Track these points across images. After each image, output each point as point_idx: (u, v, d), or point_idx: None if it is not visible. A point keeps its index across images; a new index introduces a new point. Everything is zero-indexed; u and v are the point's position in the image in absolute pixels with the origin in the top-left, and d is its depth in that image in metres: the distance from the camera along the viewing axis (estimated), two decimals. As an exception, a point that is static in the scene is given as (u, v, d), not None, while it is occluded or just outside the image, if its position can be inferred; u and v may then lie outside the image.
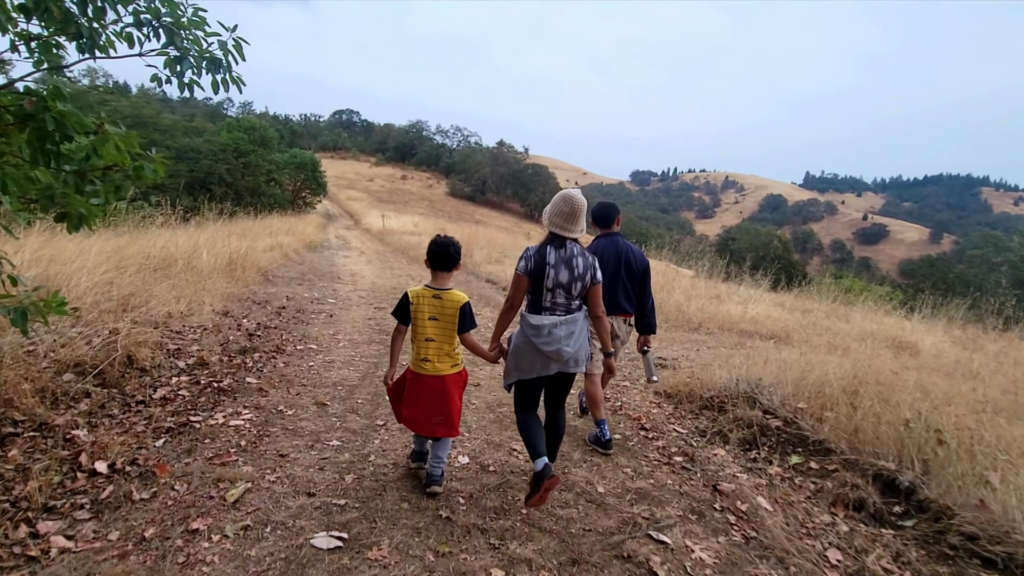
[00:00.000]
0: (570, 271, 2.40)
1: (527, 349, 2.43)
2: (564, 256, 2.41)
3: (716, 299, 9.49)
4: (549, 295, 2.41)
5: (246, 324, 5.40)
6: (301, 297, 7.53)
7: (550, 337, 2.37)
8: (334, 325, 6.07)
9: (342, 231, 26.16)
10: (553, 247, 2.43)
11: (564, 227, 2.43)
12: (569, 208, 2.43)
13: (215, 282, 6.79)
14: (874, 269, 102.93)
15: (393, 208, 40.34)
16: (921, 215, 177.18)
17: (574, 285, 2.41)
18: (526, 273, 2.41)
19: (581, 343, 2.46)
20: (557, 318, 2.40)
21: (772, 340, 7.38)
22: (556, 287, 2.40)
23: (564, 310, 2.43)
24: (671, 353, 6.01)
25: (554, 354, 2.38)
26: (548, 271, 2.38)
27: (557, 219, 2.44)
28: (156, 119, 31.19)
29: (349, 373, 4.32)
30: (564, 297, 2.42)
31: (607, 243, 3.33)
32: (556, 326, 2.38)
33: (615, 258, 3.28)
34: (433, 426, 2.49)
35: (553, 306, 2.42)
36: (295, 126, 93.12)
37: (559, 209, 2.44)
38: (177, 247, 7.53)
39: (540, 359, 2.41)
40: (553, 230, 2.45)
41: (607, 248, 3.30)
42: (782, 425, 3.56)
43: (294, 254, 12.78)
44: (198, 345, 4.36)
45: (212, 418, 3.11)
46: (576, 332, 2.43)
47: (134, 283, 5.44)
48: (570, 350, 2.40)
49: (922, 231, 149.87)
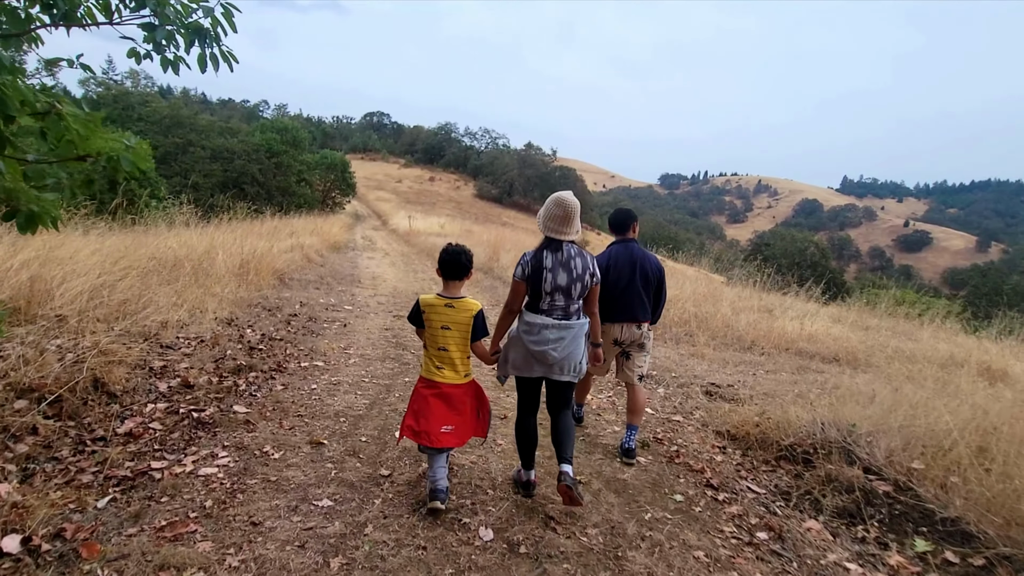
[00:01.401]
0: (568, 273, 2.39)
1: (518, 344, 2.45)
2: (561, 259, 2.40)
3: (767, 313, 8.61)
4: (548, 299, 2.41)
5: (249, 335, 4.87)
6: (316, 303, 7.02)
7: (539, 336, 2.38)
8: (347, 336, 5.50)
9: (369, 231, 25.91)
10: (549, 251, 2.41)
11: (559, 230, 2.41)
12: (562, 211, 2.39)
13: (225, 286, 6.33)
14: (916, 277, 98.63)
15: (420, 209, 40.15)
16: (967, 222, 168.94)
17: (573, 287, 2.40)
18: (523, 279, 2.42)
19: (571, 351, 2.42)
20: (551, 320, 2.39)
21: (836, 363, 6.51)
22: (555, 290, 2.39)
23: (563, 313, 2.42)
24: (724, 378, 5.24)
25: (540, 355, 2.39)
26: (545, 275, 2.38)
27: (551, 223, 2.42)
28: (193, 119, 31.72)
29: (356, 399, 3.71)
30: (563, 300, 2.41)
31: (621, 250, 3.25)
32: (547, 328, 2.38)
33: (630, 265, 3.19)
34: (441, 435, 2.39)
35: (552, 309, 2.41)
36: (327, 128, 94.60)
37: (552, 213, 2.42)
38: (192, 248, 7.12)
39: (526, 357, 2.43)
40: (548, 234, 2.43)
41: (621, 255, 3.22)
42: (893, 491, 2.79)
43: (316, 255, 12.38)
44: (188, 362, 3.83)
45: (180, 463, 2.53)
46: (568, 339, 2.40)
47: (133, 288, 4.98)
48: (556, 355, 2.38)
49: (968, 239, 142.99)
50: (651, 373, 5.19)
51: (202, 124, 31.65)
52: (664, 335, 6.85)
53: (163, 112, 30.81)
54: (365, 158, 75.42)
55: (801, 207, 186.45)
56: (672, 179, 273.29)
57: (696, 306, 7.72)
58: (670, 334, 6.87)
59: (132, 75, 51.43)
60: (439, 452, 2.42)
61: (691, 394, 4.63)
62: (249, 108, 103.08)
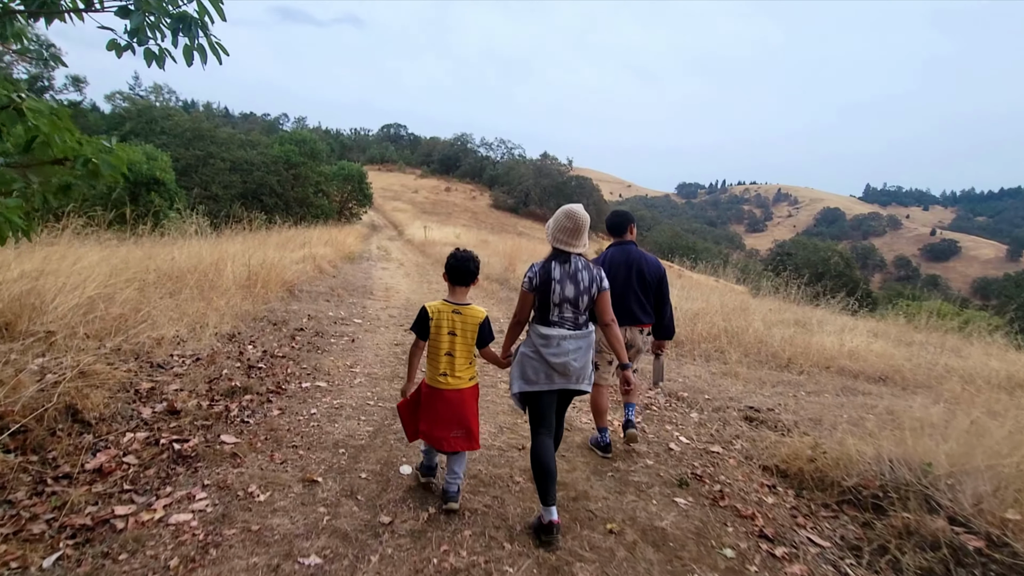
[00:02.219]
0: (575, 285, 2.40)
1: (534, 359, 2.41)
2: (569, 271, 2.41)
3: (800, 327, 8.09)
4: (556, 310, 2.40)
5: (250, 352, 4.57)
6: (324, 317, 6.73)
7: (559, 348, 2.37)
8: (354, 353, 5.18)
9: (384, 242, 25.80)
10: (558, 262, 2.42)
11: (568, 243, 2.43)
12: (573, 224, 2.42)
13: (231, 299, 6.07)
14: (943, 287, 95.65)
15: (436, 219, 40.14)
16: (997, 231, 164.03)
17: (581, 299, 2.41)
18: (532, 290, 2.42)
19: (587, 360, 2.44)
20: (567, 331, 2.39)
21: (883, 383, 5.99)
22: (563, 302, 2.40)
23: (572, 324, 2.42)
24: (763, 400, 4.78)
25: (561, 367, 2.37)
26: (554, 286, 2.38)
27: (561, 235, 2.43)
28: (213, 132, 32.28)
29: (358, 426, 3.36)
30: (572, 312, 2.42)
31: (618, 252, 3.21)
32: (565, 339, 2.38)
33: (626, 267, 3.16)
34: (452, 440, 2.41)
35: (561, 320, 2.41)
36: (346, 140, 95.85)
37: (562, 225, 2.43)
38: (200, 259, 6.91)
39: (546, 370, 2.39)
40: (557, 246, 2.44)
41: (617, 257, 3.18)
42: (986, 547, 2.33)
43: (329, 266, 12.16)
44: (179, 383, 3.52)
45: (149, 508, 2.20)
46: (584, 348, 2.42)
47: (132, 301, 4.74)
48: (577, 365, 2.39)
49: (999, 248, 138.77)
50: (682, 394, 4.77)
51: (222, 137, 32.17)
52: (693, 351, 6.40)
53: (184, 125, 31.39)
54: (382, 169, 76.08)
55: (822, 216, 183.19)
56: (689, 188, 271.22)
57: (725, 320, 7.25)
58: (699, 350, 6.42)
59: (156, 90, 52.70)
60: (455, 454, 2.47)
61: (728, 419, 4.19)
62: (269, 121, 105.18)
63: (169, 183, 21.53)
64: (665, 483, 3.01)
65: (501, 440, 3.39)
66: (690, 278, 23.50)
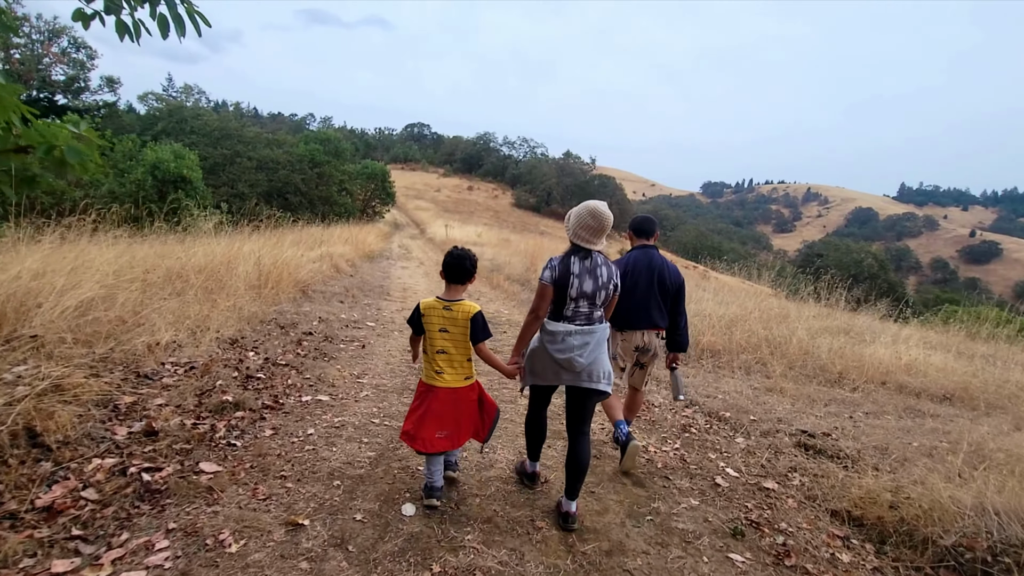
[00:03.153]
0: (594, 280, 2.38)
1: (541, 354, 2.43)
2: (588, 266, 2.39)
3: (844, 335, 7.45)
4: (572, 304, 2.40)
5: (251, 359, 4.23)
6: (336, 319, 6.39)
7: (564, 344, 2.36)
8: (363, 361, 4.80)
9: (406, 240, 25.62)
10: (578, 258, 2.40)
11: (589, 240, 2.40)
12: (597, 224, 2.38)
13: (239, 299, 5.78)
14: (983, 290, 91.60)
15: (458, 218, 39.94)
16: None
17: (598, 294, 2.40)
18: (551, 282, 2.39)
19: (596, 356, 2.40)
20: (573, 327, 2.38)
21: (949, 403, 5.36)
22: (580, 296, 2.38)
23: (586, 319, 2.41)
24: (816, 422, 4.23)
25: (566, 362, 2.37)
26: (572, 280, 2.36)
27: (583, 232, 2.40)
28: (240, 132, 32.65)
29: (359, 450, 2.96)
30: (587, 306, 2.41)
31: (641, 255, 3.21)
32: (571, 334, 2.36)
33: (648, 271, 3.15)
34: (436, 441, 2.38)
35: (575, 315, 2.40)
36: (370, 139, 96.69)
37: (586, 223, 2.39)
38: (212, 257, 6.65)
39: (552, 366, 2.42)
40: (577, 242, 2.41)
41: (640, 260, 3.18)
42: None
43: (347, 265, 11.90)
44: (165, 396, 3.18)
45: (96, 563, 1.82)
46: (592, 344, 2.38)
47: (131, 303, 4.46)
48: (583, 361, 2.37)
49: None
50: (724, 414, 4.26)
51: (249, 136, 32.52)
52: (732, 363, 5.86)
53: (213, 125, 31.82)
54: (405, 168, 76.42)
55: (854, 216, 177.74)
56: (715, 187, 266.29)
57: (765, 327, 6.68)
58: (739, 362, 5.87)
59: (186, 90, 53.79)
60: (435, 456, 2.45)
61: (780, 447, 3.67)
62: (296, 121, 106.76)
63: (196, 181, 21.71)
64: (716, 532, 2.53)
65: (521, 470, 2.95)
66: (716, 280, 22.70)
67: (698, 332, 6.47)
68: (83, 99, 34.29)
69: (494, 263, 14.59)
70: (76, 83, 35.57)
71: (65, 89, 33.23)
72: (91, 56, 35.81)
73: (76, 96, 33.72)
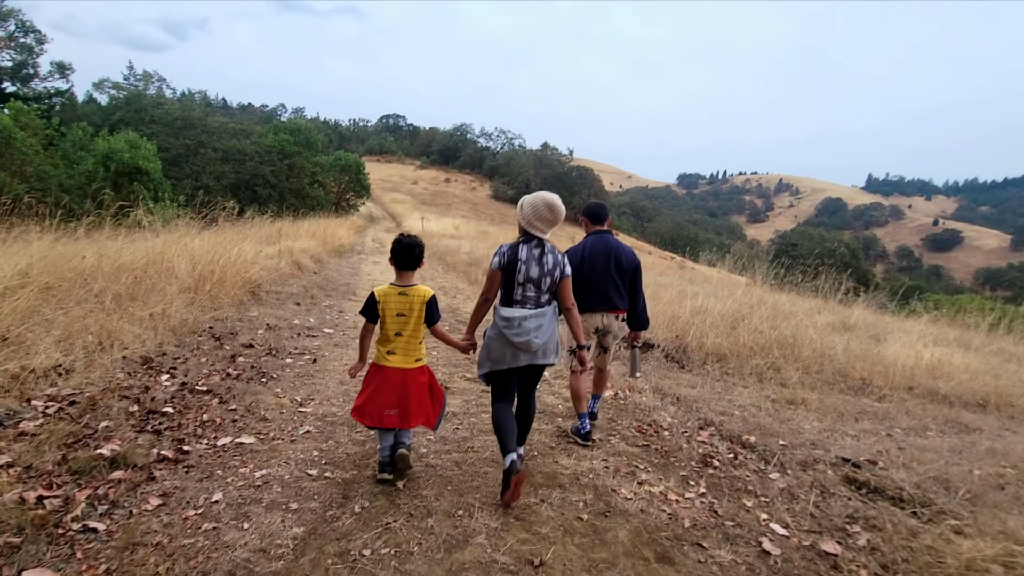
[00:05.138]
0: (540, 267, 2.53)
1: (499, 340, 2.53)
2: (536, 253, 2.53)
3: (850, 332, 6.87)
4: (520, 289, 2.54)
5: (162, 386, 3.34)
6: (287, 326, 5.50)
7: (520, 328, 2.48)
8: (311, 381, 3.96)
9: (381, 234, 24.53)
10: (527, 245, 2.54)
11: (541, 229, 2.56)
12: (553, 216, 2.55)
13: (169, 305, 4.84)
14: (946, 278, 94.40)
15: (435, 211, 38.88)
16: (1001, 220, 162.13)
17: (543, 280, 2.54)
18: (499, 268, 2.54)
19: (549, 335, 2.56)
20: (527, 311, 2.52)
21: (983, 410, 4.78)
22: (527, 281, 2.53)
23: (534, 304, 2.56)
24: (854, 445, 3.55)
25: (523, 345, 2.49)
26: (520, 267, 2.51)
27: (537, 222, 2.55)
28: (204, 120, 30.87)
29: (282, 527, 2.13)
30: (534, 291, 2.55)
31: (597, 240, 3.31)
32: (526, 319, 2.50)
33: (604, 255, 3.26)
34: (384, 417, 2.47)
35: (524, 299, 2.55)
36: (344, 131, 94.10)
37: (542, 215, 2.54)
38: (147, 255, 5.67)
39: (511, 350, 2.52)
40: (529, 229, 2.56)
41: (596, 245, 3.28)
42: None
43: (311, 261, 10.92)
44: (13, 452, 2.30)
45: None
46: (544, 325, 2.53)
47: (20, 313, 3.53)
48: (539, 341, 2.50)
49: (1002, 237, 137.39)
50: (747, 439, 3.54)
51: (213, 125, 30.80)
52: (742, 369, 5.17)
53: (175, 113, 29.98)
54: (381, 160, 74.52)
55: (824, 206, 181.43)
56: (690, 179, 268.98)
57: (773, 326, 6.01)
58: (749, 368, 5.18)
59: (145, 78, 51.13)
60: (385, 431, 2.54)
61: (826, 484, 2.96)
62: (267, 112, 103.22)
63: (154, 173, 20.19)
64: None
65: (504, 548, 2.16)
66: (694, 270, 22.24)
67: (700, 334, 5.78)
68: (33, 86, 32.01)
69: (472, 257, 13.75)
70: (24, 69, 33.13)
71: (12, 75, 30.91)
72: (40, 41, 33.41)
73: (25, 83, 31.43)
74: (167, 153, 24.40)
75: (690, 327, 5.97)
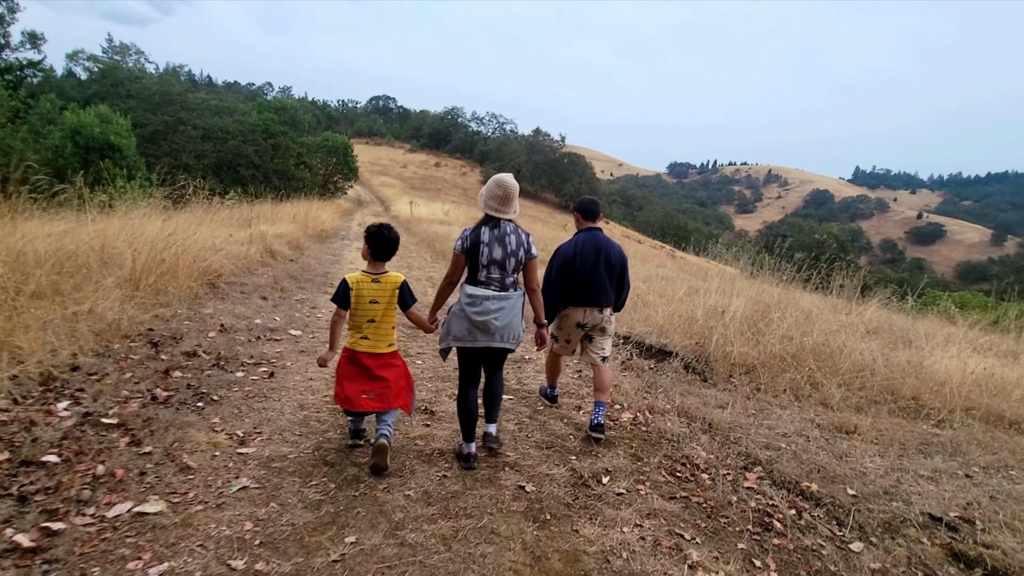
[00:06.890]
0: (503, 248, 2.59)
1: (460, 317, 2.59)
2: (497, 235, 2.60)
3: (875, 335, 6.22)
4: (484, 271, 2.60)
5: (55, 419, 2.53)
6: (246, 327, 4.68)
7: (481, 308, 2.54)
8: (262, 404, 3.16)
9: (368, 218, 23.44)
10: (488, 227, 2.61)
11: (498, 209, 2.63)
12: (503, 192, 2.62)
13: (97, 302, 3.99)
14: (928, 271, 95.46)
15: (425, 195, 37.76)
16: (983, 215, 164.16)
17: (507, 261, 2.60)
18: (462, 251, 2.61)
19: (511, 320, 2.62)
20: (491, 292, 2.58)
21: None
22: (491, 263, 2.59)
23: (499, 285, 2.62)
24: (935, 493, 2.86)
25: (483, 324, 2.55)
26: (482, 249, 2.57)
27: (492, 202, 2.63)
28: (184, 96, 29.27)
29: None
30: (499, 272, 2.61)
31: (587, 237, 3.38)
32: (488, 299, 2.56)
33: (594, 251, 3.33)
34: (363, 401, 2.54)
35: (488, 281, 2.61)
36: (333, 112, 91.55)
37: (493, 193, 2.63)
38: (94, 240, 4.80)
39: (470, 328, 2.58)
40: (488, 212, 2.64)
41: (587, 242, 3.35)
42: None
43: (287, 248, 10.01)
44: None
45: None
46: (507, 308, 2.59)
47: None
48: (498, 323, 2.56)
49: (983, 232, 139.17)
50: (807, 487, 2.83)
51: (194, 102, 29.26)
52: (775, 385, 4.47)
53: (152, 88, 28.35)
54: (370, 143, 72.73)
55: (812, 197, 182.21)
56: (681, 168, 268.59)
57: (803, 331, 5.30)
58: (783, 382, 4.48)
59: (122, 50, 48.82)
60: (361, 415, 2.73)
61: (925, 559, 2.26)
62: (253, 91, 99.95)
63: (127, 149, 18.88)
64: None
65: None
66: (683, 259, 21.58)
67: (723, 340, 5.06)
68: (4, 56, 30.15)
69: (461, 245, 12.91)
70: (-7, 38, 31.14)
71: (-19, 45, 29.05)
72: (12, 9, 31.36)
73: (-5, 53, 29.57)
74: (144, 130, 23.02)
75: (710, 332, 5.25)
